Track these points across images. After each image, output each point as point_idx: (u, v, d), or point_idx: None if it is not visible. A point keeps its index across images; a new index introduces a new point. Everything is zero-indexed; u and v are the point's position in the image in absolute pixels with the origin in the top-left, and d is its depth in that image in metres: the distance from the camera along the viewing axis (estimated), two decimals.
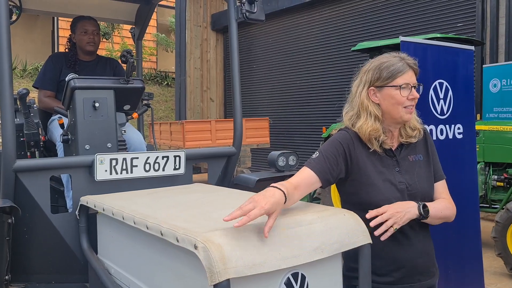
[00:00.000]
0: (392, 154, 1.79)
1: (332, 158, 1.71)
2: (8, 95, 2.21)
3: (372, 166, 1.74)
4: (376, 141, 1.74)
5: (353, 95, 1.83)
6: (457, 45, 3.38)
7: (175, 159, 2.62)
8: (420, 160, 1.82)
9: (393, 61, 1.74)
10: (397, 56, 1.77)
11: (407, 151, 1.81)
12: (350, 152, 1.74)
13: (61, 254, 2.42)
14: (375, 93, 1.76)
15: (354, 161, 1.74)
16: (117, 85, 2.70)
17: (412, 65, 1.75)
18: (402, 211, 1.65)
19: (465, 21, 7.57)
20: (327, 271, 1.56)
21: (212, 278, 1.24)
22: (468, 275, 3.19)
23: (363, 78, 1.80)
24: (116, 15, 4.13)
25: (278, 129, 10.94)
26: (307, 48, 10.53)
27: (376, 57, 1.83)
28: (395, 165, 1.77)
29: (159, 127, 10.33)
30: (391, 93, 1.72)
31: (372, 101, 1.76)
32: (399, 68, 1.72)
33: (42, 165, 2.38)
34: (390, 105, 1.73)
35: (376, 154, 1.76)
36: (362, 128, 1.74)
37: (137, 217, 1.72)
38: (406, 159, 1.80)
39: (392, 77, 1.72)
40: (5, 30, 2.21)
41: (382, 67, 1.74)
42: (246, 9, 2.81)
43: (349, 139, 1.76)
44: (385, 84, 1.73)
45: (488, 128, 5.24)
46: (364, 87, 1.78)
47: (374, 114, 1.74)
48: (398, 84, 1.71)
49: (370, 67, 1.79)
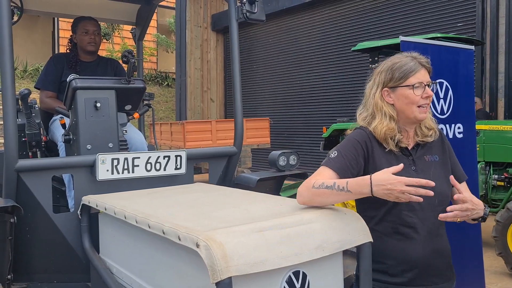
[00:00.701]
0: (408, 153, 1.78)
1: (351, 156, 1.71)
2: (10, 96, 2.22)
3: (388, 164, 1.74)
4: (391, 140, 1.74)
5: (367, 96, 1.84)
6: (457, 45, 3.39)
7: (176, 158, 2.63)
8: (436, 161, 1.81)
9: (405, 61, 1.74)
10: (409, 55, 1.77)
11: (423, 151, 1.81)
12: (367, 150, 1.74)
13: (63, 253, 2.42)
14: (389, 94, 1.76)
15: (371, 159, 1.74)
16: (119, 85, 2.71)
17: (425, 63, 1.76)
18: (476, 210, 1.65)
19: (465, 21, 7.57)
20: (328, 270, 1.57)
21: (214, 276, 1.25)
22: (468, 275, 3.19)
23: (376, 79, 1.80)
24: (117, 16, 4.14)
25: (278, 129, 10.95)
26: (308, 48, 10.53)
27: (389, 57, 1.83)
28: (411, 164, 1.77)
29: (160, 127, 10.34)
30: (405, 93, 1.73)
31: (386, 102, 1.77)
32: (411, 67, 1.73)
33: (44, 165, 2.38)
34: (404, 105, 1.73)
35: (392, 153, 1.76)
36: (377, 128, 1.74)
37: (139, 216, 1.72)
38: (422, 159, 1.79)
39: (405, 77, 1.72)
40: (7, 30, 2.22)
41: (395, 68, 1.74)
42: (246, 9, 2.82)
43: (366, 137, 1.76)
44: (398, 84, 1.73)
45: (488, 128, 5.25)
46: (378, 89, 1.79)
47: (389, 114, 1.75)
48: (411, 83, 1.71)
49: (382, 68, 1.79)
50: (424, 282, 1.72)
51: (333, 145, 6.27)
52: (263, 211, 1.67)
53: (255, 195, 2.14)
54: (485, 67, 7.23)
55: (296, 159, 3.05)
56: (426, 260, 1.72)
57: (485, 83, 7.23)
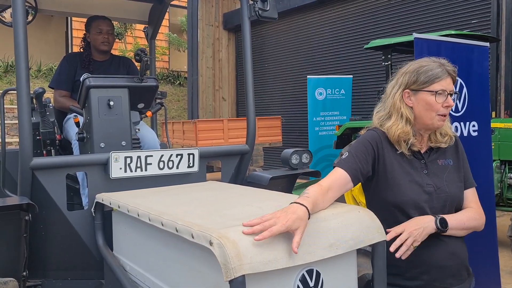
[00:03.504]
0: (421, 157, 1.77)
1: (361, 156, 1.71)
2: (24, 94, 2.24)
3: (399, 166, 1.73)
4: (404, 143, 1.73)
5: (387, 95, 1.82)
6: (472, 42, 3.34)
7: (189, 157, 2.63)
8: (450, 165, 1.79)
9: (432, 66, 1.72)
10: (437, 61, 1.74)
11: (437, 155, 1.79)
12: (378, 151, 1.73)
13: (77, 250, 2.44)
14: (410, 96, 1.74)
15: (381, 160, 1.73)
16: (131, 84, 2.73)
17: (451, 72, 1.73)
18: (420, 227, 1.63)
19: (480, 18, 7.47)
20: (342, 268, 1.55)
21: (228, 274, 1.24)
22: (484, 275, 3.15)
23: (399, 79, 1.78)
24: (130, 15, 4.16)
25: (290, 128, 10.92)
26: (319, 47, 10.49)
27: (416, 60, 1.81)
28: (423, 168, 1.75)
29: (172, 126, 10.39)
30: (426, 98, 1.70)
31: (405, 103, 1.74)
32: (437, 73, 1.70)
33: (58, 163, 2.41)
34: (423, 110, 1.71)
35: (404, 156, 1.75)
36: (391, 129, 1.73)
37: (152, 214, 1.73)
38: (435, 163, 1.77)
39: (430, 82, 1.70)
40: (22, 30, 2.24)
41: (420, 71, 1.72)
42: (258, 7, 2.81)
43: (377, 138, 1.75)
44: (421, 88, 1.71)
45: (503, 126, 5.17)
46: (399, 89, 1.76)
47: (406, 117, 1.73)
48: (435, 89, 1.69)
49: (408, 69, 1.77)
50: (441, 284, 1.70)
51: (346, 143, 6.25)
52: (276, 209, 1.66)
53: (268, 193, 2.14)
54: (501, 65, 7.12)
55: (309, 157, 3.03)
56: (441, 261, 1.70)
57: (501, 80, 7.13)
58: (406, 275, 1.71)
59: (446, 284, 1.71)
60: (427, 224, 1.65)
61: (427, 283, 1.70)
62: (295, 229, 1.36)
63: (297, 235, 1.35)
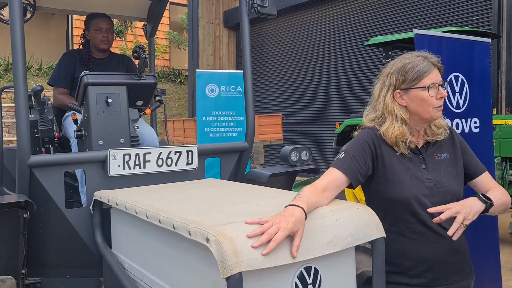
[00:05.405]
0: (418, 152, 1.76)
1: (359, 156, 1.69)
2: (22, 92, 2.23)
3: (398, 163, 1.71)
4: (402, 144, 1.72)
5: (375, 98, 1.80)
6: (473, 38, 3.32)
7: (188, 154, 2.62)
8: (447, 159, 1.78)
9: (416, 62, 1.70)
10: (419, 55, 1.73)
11: (433, 149, 1.78)
12: (376, 150, 1.72)
13: (75, 248, 2.44)
14: (402, 96, 1.72)
15: (380, 158, 1.72)
16: (130, 81, 2.71)
17: (436, 63, 1.72)
18: (468, 206, 1.61)
19: (481, 14, 7.44)
20: (340, 265, 1.54)
21: (225, 271, 1.23)
22: (485, 271, 3.13)
23: (386, 81, 1.76)
24: (129, 12, 4.15)
25: (291, 125, 10.91)
26: (320, 44, 10.47)
27: (397, 58, 1.79)
28: (422, 163, 1.74)
29: (173, 124, 10.39)
30: (419, 94, 1.69)
31: (398, 104, 1.73)
32: (424, 68, 1.68)
33: (56, 160, 2.40)
34: (419, 106, 1.70)
35: (403, 153, 1.73)
36: (387, 132, 1.71)
37: (149, 211, 1.72)
38: (433, 157, 1.76)
39: (419, 78, 1.68)
40: (19, 27, 2.23)
41: (407, 69, 1.70)
42: (257, 4, 2.79)
43: (374, 136, 1.74)
44: (412, 86, 1.69)
45: (504, 123, 5.16)
46: (389, 91, 1.74)
47: (401, 118, 1.71)
48: (426, 84, 1.68)
49: (392, 69, 1.75)
50: (446, 281, 1.69)
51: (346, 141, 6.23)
52: (275, 206, 1.65)
53: (266, 190, 2.12)
54: (501, 61, 7.10)
55: (308, 154, 3.02)
56: (443, 258, 1.69)
57: (502, 77, 7.10)
58: (409, 273, 1.69)
59: (450, 280, 1.70)
60: (472, 203, 1.63)
61: (431, 280, 1.68)
62: (295, 231, 1.35)
63: (296, 238, 1.35)
